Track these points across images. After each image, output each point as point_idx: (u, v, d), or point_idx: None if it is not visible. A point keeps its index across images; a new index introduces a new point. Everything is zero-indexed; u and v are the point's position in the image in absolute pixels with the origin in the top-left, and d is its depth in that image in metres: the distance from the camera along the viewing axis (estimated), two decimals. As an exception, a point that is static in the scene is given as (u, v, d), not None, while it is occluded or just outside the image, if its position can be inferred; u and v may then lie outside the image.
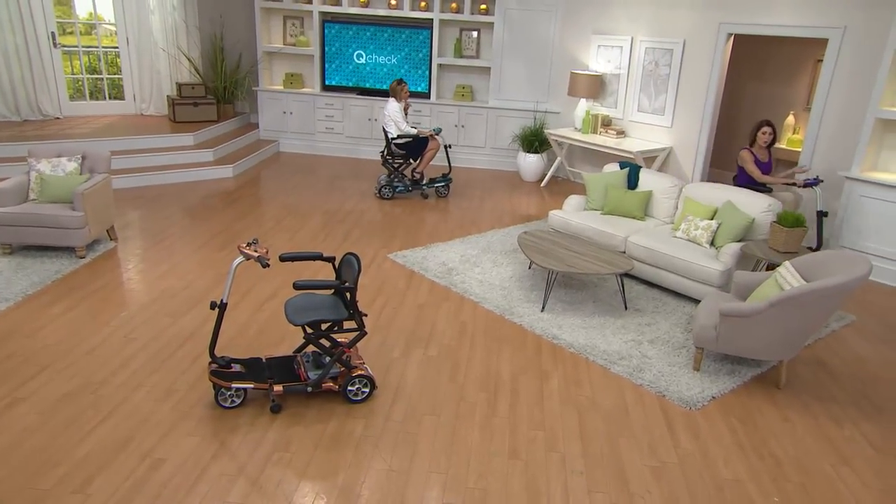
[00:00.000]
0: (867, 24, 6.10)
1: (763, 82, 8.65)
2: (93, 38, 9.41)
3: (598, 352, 4.38)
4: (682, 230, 5.42)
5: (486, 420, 3.65)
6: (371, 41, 9.41)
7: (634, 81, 8.17)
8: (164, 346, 4.29)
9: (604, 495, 3.12)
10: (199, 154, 8.38)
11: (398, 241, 6.36)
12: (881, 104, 5.82)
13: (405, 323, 4.72)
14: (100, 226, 5.75)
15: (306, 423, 3.57)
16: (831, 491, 3.25)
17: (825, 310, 3.83)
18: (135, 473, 3.17)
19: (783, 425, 3.75)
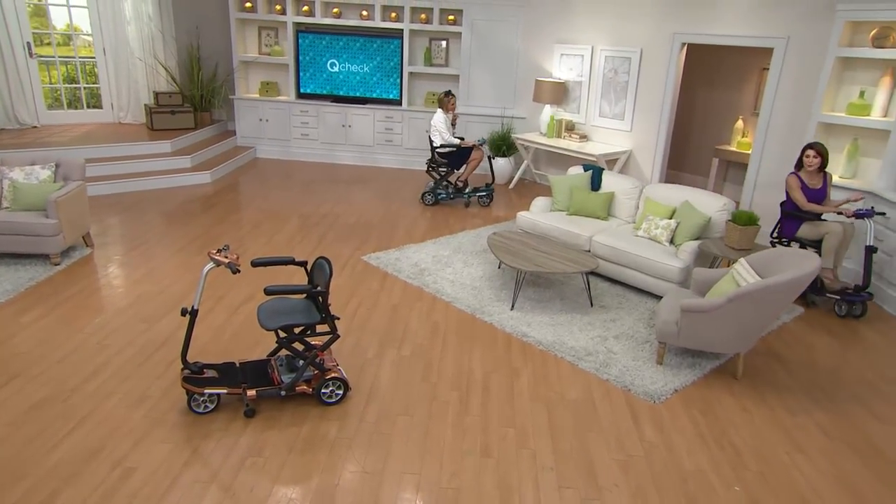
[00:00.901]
0: (809, 34, 6.14)
1: (714, 89, 8.68)
2: (70, 48, 9.04)
3: (566, 348, 4.29)
4: (643, 229, 5.37)
5: (459, 419, 3.53)
6: (344, 50, 9.22)
7: (595, 88, 8.13)
8: (138, 352, 4.08)
9: (573, 490, 3.02)
10: (176, 161, 8.10)
11: (372, 243, 6.20)
12: (823, 109, 5.85)
13: (379, 324, 4.57)
14: (75, 232, 5.48)
15: (280, 427, 3.40)
16: (787, 478, 3.20)
17: (778, 304, 3.80)
18: (104, 483, 2.97)
19: (741, 415, 3.70)
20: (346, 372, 3.83)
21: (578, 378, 3.98)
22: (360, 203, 7.52)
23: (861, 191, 5.37)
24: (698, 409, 3.72)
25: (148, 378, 3.79)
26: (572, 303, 5.01)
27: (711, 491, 3.07)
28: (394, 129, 9.29)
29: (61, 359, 3.97)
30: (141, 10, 8.91)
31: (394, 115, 9.25)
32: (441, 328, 4.54)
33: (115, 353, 4.05)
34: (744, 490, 3.09)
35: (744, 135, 8.05)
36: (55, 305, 4.64)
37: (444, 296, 5.01)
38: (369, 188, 8.21)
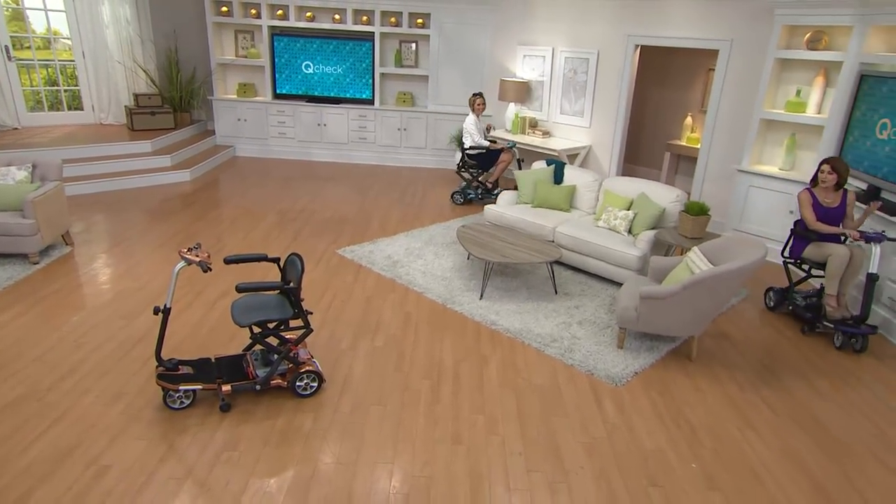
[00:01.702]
0: (750, 37, 6.13)
1: (665, 88, 8.64)
2: (49, 52, 8.56)
3: (533, 335, 4.18)
4: (603, 220, 5.29)
5: (430, 407, 3.39)
6: (318, 52, 8.94)
7: (556, 87, 8.01)
8: (116, 348, 3.84)
9: (541, 474, 2.92)
10: (156, 160, 7.76)
11: (346, 236, 6.00)
12: (764, 106, 5.86)
13: (353, 315, 4.40)
14: (53, 232, 5.17)
15: (256, 421, 3.22)
16: (739, 453, 3.15)
17: (729, 289, 3.74)
18: (78, 483, 2.76)
19: (696, 395, 3.64)
20: (321, 364, 3.67)
21: (544, 364, 3.88)
22: (335, 198, 7.29)
23: (883, 200, 4.63)
24: (656, 391, 3.66)
25: (125, 375, 3.57)
26: (538, 291, 4.91)
27: (670, 469, 3.00)
28: (367, 127, 9.06)
29: (38, 357, 3.72)
30: (119, 15, 8.49)
31: (367, 114, 9.02)
32: (413, 318, 4.39)
33: (92, 350, 3.81)
34: (700, 467, 3.03)
35: (693, 130, 8.05)
36: (33, 304, 4.36)
37: (416, 287, 4.86)
38: (344, 184, 7.98)
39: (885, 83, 4.88)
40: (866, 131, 5.08)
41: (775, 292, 4.84)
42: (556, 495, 2.79)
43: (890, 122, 4.83)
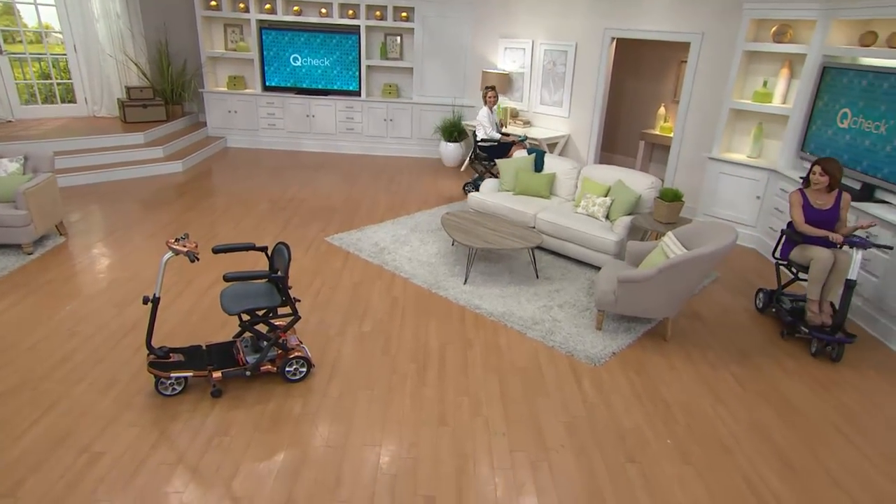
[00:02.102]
0: (720, 30, 6.06)
1: (639, 79, 8.55)
2: (41, 45, 8.21)
3: (515, 318, 4.11)
4: (582, 206, 5.20)
5: (417, 390, 3.31)
6: (305, 46, 8.69)
7: (536, 78, 7.87)
8: (109, 337, 3.70)
9: (524, 454, 2.86)
10: (149, 151, 7.51)
11: (335, 224, 5.86)
12: (733, 97, 5.80)
13: (341, 301, 4.28)
14: (46, 222, 4.97)
15: (247, 406, 3.12)
16: (711, 428, 3.12)
17: (701, 272, 3.69)
18: (70, 471, 2.65)
19: (671, 373, 3.61)
20: (310, 349, 3.56)
21: (526, 346, 3.81)
22: (323, 187, 7.13)
23: (870, 216, 4.29)
24: (634, 370, 3.61)
25: (117, 362, 3.44)
26: (520, 275, 4.83)
27: (647, 445, 2.96)
28: (354, 118, 8.86)
29: (32, 346, 3.57)
30: (109, 9, 8.16)
31: (354, 105, 8.81)
32: (400, 303, 4.29)
33: (85, 338, 3.67)
34: (674, 442, 3.00)
35: (666, 120, 7.98)
36: (27, 294, 4.19)
37: (403, 272, 4.75)
38: (332, 173, 7.81)
39: (846, 74, 4.85)
40: (828, 120, 5.06)
41: (765, 293, 4.46)
42: (538, 473, 2.74)
43: (850, 111, 4.80)
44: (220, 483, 2.62)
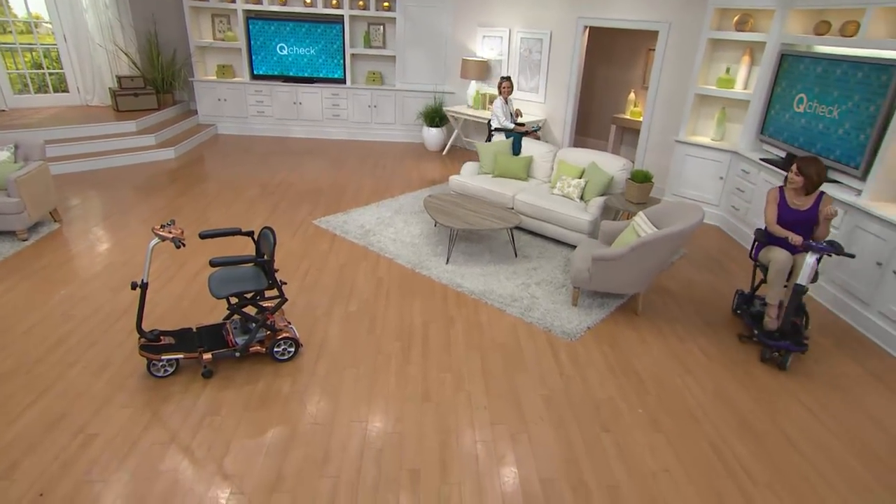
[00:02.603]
0: (686, 19, 5.90)
1: (610, 66, 8.37)
2: (31, 36, 7.72)
3: (495, 296, 4.00)
4: (557, 188, 5.07)
5: (401, 367, 3.19)
6: (291, 35, 8.31)
7: (513, 65, 7.64)
8: (103, 320, 3.51)
9: (504, 426, 2.77)
10: (141, 139, 7.16)
11: (322, 207, 5.65)
12: (698, 83, 5.68)
13: (328, 282, 4.12)
14: (40, 209, 4.70)
15: (237, 386, 2.98)
16: (679, 398, 3.07)
17: (671, 250, 3.61)
18: (64, 452, 2.51)
19: (642, 346, 3.54)
20: (298, 329, 3.42)
21: (506, 322, 3.71)
22: (311, 172, 6.88)
23: (839, 201, 4.02)
24: (607, 343, 3.54)
25: (111, 345, 3.27)
26: (499, 255, 4.71)
27: (620, 415, 2.90)
28: (340, 104, 8.56)
29: (27, 330, 3.38)
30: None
31: (339, 93, 8.50)
32: (385, 283, 4.15)
33: (79, 322, 3.48)
34: (646, 412, 2.94)
35: (635, 105, 7.84)
36: (22, 279, 3.96)
37: (387, 253, 4.60)
38: (319, 158, 7.55)
39: (802, 61, 4.76)
40: (785, 105, 4.97)
41: (740, 295, 3.96)
42: (517, 445, 2.66)
43: (806, 96, 4.72)
44: (211, 461, 2.50)
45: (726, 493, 2.47)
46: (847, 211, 3.99)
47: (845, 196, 4.03)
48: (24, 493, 2.31)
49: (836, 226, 4.07)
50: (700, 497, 2.44)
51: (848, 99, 4.25)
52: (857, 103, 4.16)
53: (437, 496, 2.37)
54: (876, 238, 3.75)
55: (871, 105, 4.00)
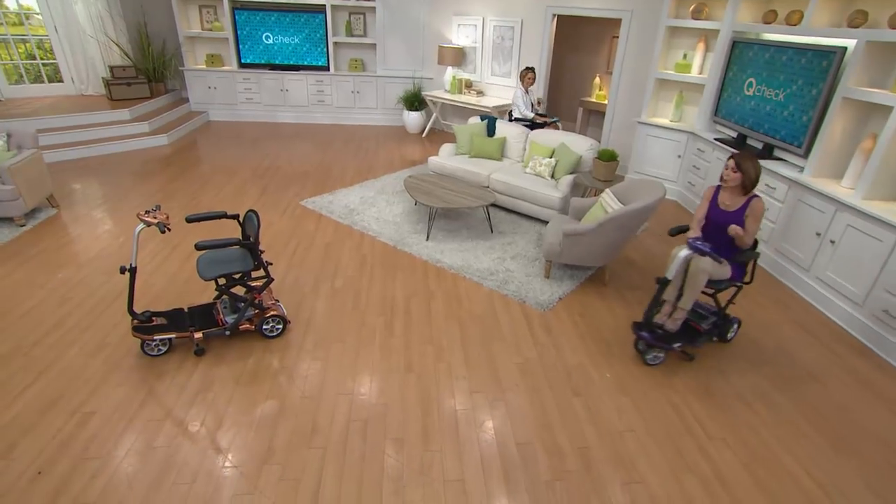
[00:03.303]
0: (647, 8, 5.67)
1: (577, 52, 8.09)
2: (22, 27, 7.06)
3: (473, 270, 3.83)
4: (530, 167, 4.87)
5: (385, 341, 3.03)
6: (276, 24, 7.78)
7: (487, 52, 7.30)
8: (98, 302, 3.26)
9: (482, 394, 2.65)
10: (135, 126, 6.69)
11: (309, 189, 5.36)
12: (658, 68, 5.48)
13: (315, 260, 3.90)
14: (36, 196, 4.35)
15: (228, 362, 2.79)
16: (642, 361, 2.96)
17: (636, 224, 3.48)
18: (62, 431, 2.32)
19: (609, 314, 3.44)
20: (286, 307, 3.22)
21: (483, 295, 3.56)
22: (298, 155, 6.54)
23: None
24: (577, 313, 3.42)
25: (106, 326, 3.03)
26: (476, 231, 4.53)
27: (590, 381, 2.80)
28: (324, 90, 8.12)
29: (24, 313, 3.12)
30: None
31: (323, 80, 8.05)
32: (368, 260, 3.94)
33: (76, 304, 3.23)
34: (613, 376, 2.84)
35: (600, 89, 7.62)
36: (20, 263, 3.66)
37: (371, 232, 4.38)
38: (306, 142, 7.18)
39: (751, 48, 4.59)
40: (737, 89, 4.82)
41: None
42: (495, 411, 2.54)
43: (755, 81, 4.57)
44: (205, 435, 2.33)
45: (685, 448, 2.41)
46: (791, 186, 3.92)
47: (789, 172, 3.94)
48: (23, 472, 2.13)
49: (782, 199, 4.00)
50: (662, 453, 2.37)
51: (792, 83, 4.11)
52: (800, 87, 4.03)
53: (420, 463, 2.25)
54: (816, 210, 3.68)
55: (813, 89, 3.88)
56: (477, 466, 2.25)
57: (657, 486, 2.22)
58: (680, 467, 2.31)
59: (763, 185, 4.20)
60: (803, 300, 3.73)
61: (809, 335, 3.32)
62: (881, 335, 3.17)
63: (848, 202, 3.38)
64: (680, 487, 2.22)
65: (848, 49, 3.59)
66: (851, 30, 3.52)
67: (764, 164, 4.17)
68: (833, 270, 3.53)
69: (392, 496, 2.11)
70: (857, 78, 3.50)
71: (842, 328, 3.40)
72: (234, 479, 2.15)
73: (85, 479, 2.11)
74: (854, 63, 3.48)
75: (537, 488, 2.17)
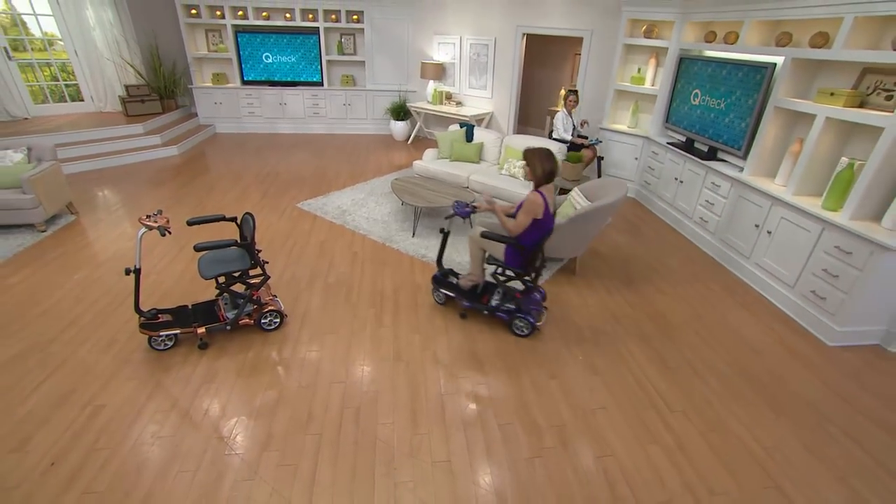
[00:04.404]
0: (606, 27, 5.55)
1: (544, 68, 7.95)
2: (45, 52, 6.63)
3: (455, 264, 3.66)
4: (505, 169, 4.71)
5: (375, 331, 2.86)
6: (275, 45, 7.44)
7: (465, 67, 7.09)
8: (111, 301, 3.03)
9: (466, 379, 2.51)
10: (148, 139, 6.33)
11: (305, 192, 5.12)
12: (616, 80, 5.37)
13: (310, 258, 3.70)
14: (55, 204, 4.08)
15: (230, 355, 2.60)
16: (612, 344, 2.88)
17: (602, 219, 3.37)
18: (74, 424, 2.12)
19: (580, 301, 3.31)
20: (283, 302, 3.03)
21: (465, 286, 3.41)
22: (296, 162, 6.27)
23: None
24: (551, 301, 3.28)
25: (118, 323, 2.81)
26: (458, 228, 4.36)
27: (564, 363, 2.68)
28: (319, 104, 7.82)
29: (42, 312, 2.88)
30: (102, 18, 6.65)
31: (318, 94, 7.74)
32: (359, 257, 3.75)
33: (91, 303, 2.99)
34: (585, 358, 2.73)
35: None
36: (41, 266, 3.39)
37: (361, 230, 4.18)
38: (303, 150, 6.89)
39: (696, 64, 4.52)
40: (685, 99, 4.74)
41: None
42: (478, 394, 2.41)
43: (700, 92, 4.49)
44: (208, 424, 2.16)
45: (650, 421, 2.31)
46: (733, 184, 3.87)
47: (731, 172, 3.88)
48: (37, 464, 1.94)
49: (725, 195, 3.94)
50: (630, 427, 2.27)
51: (732, 94, 4.05)
52: (738, 97, 3.97)
53: (410, 446, 2.10)
54: (754, 205, 3.63)
55: (750, 99, 3.82)
56: (462, 447, 2.11)
57: (626, 457, 2.11)
58: (646, 439, 2.21)
59: (709, 184, 4.14)
60: (745, 284, 3.68)
61: (750, 314, 3.26)
62: (809, 312, 3.14)
63: (781, 197, 3.34)
64: (647, 458, 2.12)
65: (777, 64, 3.55)
66: (779, 48, 3.49)
67: (709, 164, 4.11)
68: (770, 257, 3.49)
69: (384, 478, 1.96)
70: (785, 89, 3.47)
71: (777, 307, 3.36)
72: (236, 466, 1.98)
73: (95, 469, 1.93)
74: (783, 77, 3.44)
75: (518, 465, 2.05)
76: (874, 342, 2.97)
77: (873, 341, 2.98)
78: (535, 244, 2.67)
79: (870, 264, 2.78)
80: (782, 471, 2.11)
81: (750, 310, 3.32)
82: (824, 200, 3.10)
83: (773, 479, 2.07)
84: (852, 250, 2.86)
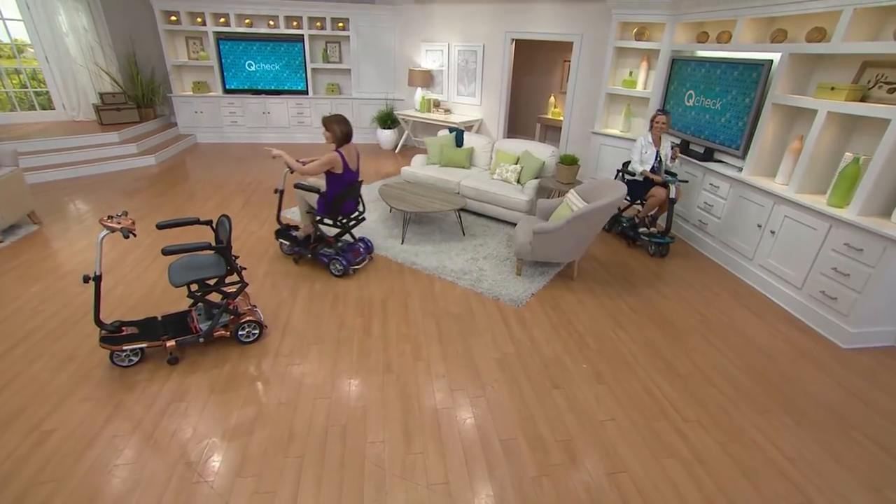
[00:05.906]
0: (596, 32, 5.58)
1: (534, 74, 8.00)
2: (13, 59, 6.44)
3: (447, 271, 3.54)
4: (496, 173, 4.64)
5: (363, 342, 2.69)
6: (258, 53, 7.37)
7: (453, 74, 7.08)
8: (72, 314, 2.82)
9: (462, 391, 2.35)
10: (124, 148, 6.14)
11: (289, 201, 4.97)
12: (608, 84, 5.37)
13: (293, 266, 3.54)
14: (15, 213, 3.86)
15: (204, 370, 2.40)
16: (615, 349, 2.76)
17: (600, 221, 3.28)
18: (18, 450, 1.89)
19: (579, 306, 3.20)
20: (264, 311, 2.85)
21: (458, 294, 3.26)
22: (279, 171, 6.13)
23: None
24: (550, 307, 3.17)
25: (78, 338, 2.60)
26: (449, 234, 4.24)
27: (567, 371, 2.54)
28: (304, 112, 7.74)
29: None
30: (76, 24, 6.48)
31: (303, 103, 7.66)
32: (347, 264, 3.60)
33: (48, 317, 2.78)
34: (589, 366, 2.60)
35: (555, 106, 7.53)
36: None
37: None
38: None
39: (689, 65, 4.54)
40: (679, 100, 4.75)
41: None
42: (476, 409, 2.25)
43: (694, 93, 4.50)
44: (175, 447, 1.95)
45: (663, 432, 2.17)
46: (732, 184, 3.83)
47: (730, 172, 3.85)
48: None
49: (725, 196, 3.90)
50: (643, 439, 2.13)
51: (727, 93, 4.05)
52: (734, 96, 3.97)
53: (403, 466, 1.93)
54: (756, 205, 3.59)
55: (746, 97, 3.81)
56: (461, 466, 1.95)
57: (641, 473, 1.97)
58: (661, 452, 2.07)
59: (707, 185, 4.11)
60: (749, 286, 3.61)
61: (757, 317, 3.18)
62: (819, 314, 3.06)
63: (785, 196, 3.29)
64: (663, 472, 1.97)
65: (774, 61, 3.55)
66: (775, 45, 3.50)
67: (706, 165, 4.08)
68: (774, 258, 3.43)
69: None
70: (783, 86, 3.46)
71: (785, 309, 3.28)
72: (205, 495, 1.78)
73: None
74: (780, 73, 3.44)
75: (524, 485, 1.88)
76: (889, 343, 2.90)
77: (888, 343, 2.90)
78: (337, 195, 3.22)
79: (883, 261, 2.72)
80: (809, 480, 1.98)
81: (756, 313, 3.24)
82: (829, 197, 3.06)
83: (800, 489, 1.94)
84: (863, 247, 2.81)
